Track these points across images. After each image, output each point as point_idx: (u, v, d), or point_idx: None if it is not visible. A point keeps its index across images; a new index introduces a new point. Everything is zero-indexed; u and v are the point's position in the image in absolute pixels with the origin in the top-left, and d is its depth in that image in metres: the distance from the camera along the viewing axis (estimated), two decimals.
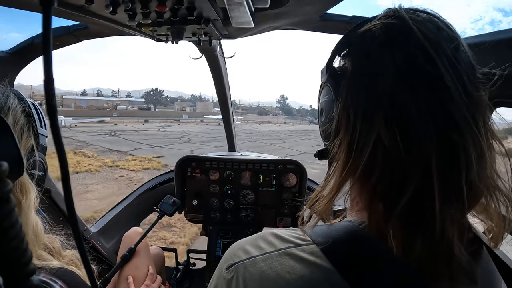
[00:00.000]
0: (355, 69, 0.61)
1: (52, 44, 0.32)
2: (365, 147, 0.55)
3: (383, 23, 0.58)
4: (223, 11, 1.15)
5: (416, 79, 0.53)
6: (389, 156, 0.53)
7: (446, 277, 0.53)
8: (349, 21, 1.44)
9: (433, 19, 0.58)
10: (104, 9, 1.06)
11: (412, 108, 0.52)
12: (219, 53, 2.13)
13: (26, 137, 0.91)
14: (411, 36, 0.54)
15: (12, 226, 0.30)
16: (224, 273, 0.62)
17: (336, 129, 0.63)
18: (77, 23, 1.59)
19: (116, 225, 2.52)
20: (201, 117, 79.73)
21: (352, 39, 0.64)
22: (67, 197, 0.37)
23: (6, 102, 0.89)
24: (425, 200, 0.51)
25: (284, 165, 2.39)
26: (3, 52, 1.62)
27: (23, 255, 0.31)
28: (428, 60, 0.52)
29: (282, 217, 2.43)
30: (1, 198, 0.29)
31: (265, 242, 0.62)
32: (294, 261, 0.57)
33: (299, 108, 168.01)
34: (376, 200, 0.56)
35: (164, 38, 1.43)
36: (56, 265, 0.87)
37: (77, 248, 0.39)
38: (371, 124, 0.54)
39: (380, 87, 0.54)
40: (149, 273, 1.75)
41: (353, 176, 0.59)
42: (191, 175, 2.43)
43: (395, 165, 0.53)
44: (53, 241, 0.97)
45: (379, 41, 0.57)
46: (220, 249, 2.32)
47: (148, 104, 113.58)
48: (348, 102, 0.60)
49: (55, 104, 0.33)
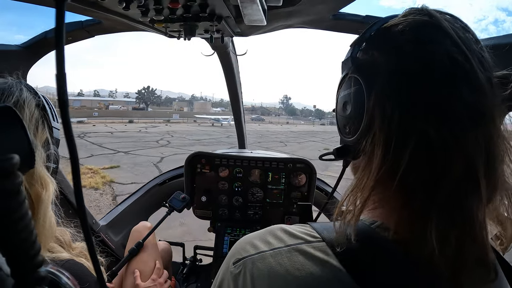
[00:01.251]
0: (391, 62, 0.58)
1: (64, 39, 0.32)
2: (408, 143, 0.53)
3: (414, 19, 0.58)
4: (236, 8, 1.15)
5: (458, 76, 0.53)
6: (432, 151, 0.52)
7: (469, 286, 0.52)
8: (362, 20, 1.43)
9: (457, 20, 0.59)
10: (117, 5, 1.07)
11: (455, 103, 0.52)
12: (231, 50, 2.13)
13: (41, 131, 0.92)
14: (446, 33, 0.55)
15: (22, 218, 0.30)
16: (231, 267, 0.61)
17: (368, 124, 0.59)
18: (90, 18, 1.60)
19: (125, 219, 2.54)
20: (192, 117, 76.87)
21: (380, 33, 0.62)
22: (77, 190, 0.37)
23: (21, 96, 0.90)
24: (466, 198, 0.51)
25: (293, 164, 2.38)
26: (16, 46, 1.64)
27: (32, 247, 0.31)
28: (465, 58, 0.53)
29: (290, 215, 2.42)
30: (12, 191, 0.29)
31: (274, 237, 0.61)
32: (304, 257, 0.56)
33: (303, 109, 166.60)
34: (411, 200, 0.54)
35: (177, 34, 1.43)
36: (65, 257, 0.88)
37: (85, 241, 0.39)
38: (413, 118, 0.53)
39: (419, 81, 0.54)
40: (156, 268, 1.77)
41: (393, 174, 0.54)
42: (201, 171, 2.43)
43: (437, 161, 0.52)
44: (64, 233, 0.98)
45: (414, 36, 0.56)
46: (227, 246, 2.32)
47: (140, 104, 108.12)
48: (386, 95, 0.56)
49: (67, 99, 0.33)
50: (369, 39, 0.64)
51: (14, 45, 1.65)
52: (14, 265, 0.31)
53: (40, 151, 0.88)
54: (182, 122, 66.80)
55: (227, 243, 2.33)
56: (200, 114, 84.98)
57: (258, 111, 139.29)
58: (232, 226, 2.41)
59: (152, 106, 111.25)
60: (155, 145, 24.43)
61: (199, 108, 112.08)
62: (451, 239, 0.51)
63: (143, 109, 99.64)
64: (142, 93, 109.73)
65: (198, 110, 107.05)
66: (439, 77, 0.53)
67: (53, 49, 0.31)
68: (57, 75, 0.32)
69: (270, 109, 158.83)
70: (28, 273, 0.31)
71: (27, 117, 0.88)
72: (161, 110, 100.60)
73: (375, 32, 0.63)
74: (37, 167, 0.84)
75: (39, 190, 0.83)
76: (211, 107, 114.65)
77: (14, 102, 0.87)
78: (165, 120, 66.06)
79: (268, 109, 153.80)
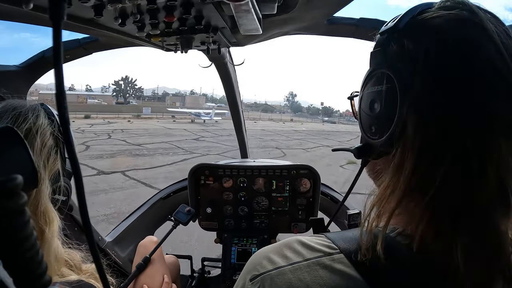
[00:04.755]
0: (430, 62, 0.53)
1: (62, 58, 0.32)
2: (445, 155, 0.50)
3: (454, 14, 0.53)
4: (231, 19, 1.16)
5: (500, 88, 0.50)
6: (468, 166, 0.49)
7: None
8: (356, 23, 1.43)
9: (499, 22, 0.55)
10: (113, 22, 1.08)
11: (495, 117, 0.50)
12: (228, 61, 2.14)
13: (52, 161, 0.88)
14: (490, 37, 0.51)
15: (27, 238, 0.30)
16: (248, 284, 0.58)
17: (401, 128, 0.55)
18: (87, 36, 1.62)
19: (131, 234, 2.53)
20: (166, 112, 66.05)
21: (416, 26, 0.57)
22: (82, 208, 0.37)
23: (35, 123, 0.87)
24: (495, 215, 0.50)
25: (297, 170, 2.38)
26: (15, 66, 1.66)
27: (38, 266, 0.31)
28: (508, 69, 0.50)
29: (296, 222, 2.41)
30: (16, 211, 0.29)
31: (291, 251, 0.59)
32: (325, 271, 0.54)
33: (309, 106, 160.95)
34: (438, 212, 0.52)
35: (174, 47, 1.44)
36: (74, 279, 0.86)
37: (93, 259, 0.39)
38: (452, 128, 0.50)
39: (460, 88, 0.51)
40: (165, 282, 1.76)
41: (423, 187, 0.51)
42: (205, 183, 2.43)
43: (472, 177, 0.50)
44: (73, 256, 0.96)
45: (456, 35, 0.53)
46: (235, 256, 2.31)
47: (118, 97, 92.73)
48: (423, 99, 0.52)
49: (68, 117, 0.33)
50: (404, 31, 0.58)
51: (13, 66, 1.66)
52: (20, 285, 0.30)
53: (46, 185, 0.84)
54: (156, 118, 57.80)
55: (235, 253, 2.32)
56: (175, 108, 75.57)
57: (260, 108, 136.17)
58: (239, 236, 2.40)
59: (139, 101, 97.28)
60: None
61: (192, 102, 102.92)
62: (478, 255, 0.50)
63: (128, 103, 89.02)
64: (119, 84, 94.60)
65: (191, 104, 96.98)
66: (480, 86, 0.50)
67: (52, 67, 0.31)
68: (56, 94, 0.32)
69: (275, 106, 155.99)
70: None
71: (38, 146, 0.85)
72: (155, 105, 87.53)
73: (409, 23, 0.58)
74: (42, 201, 0.81)
75: (42, 226, 0.80)
76: (205, 102, 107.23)
77: (27, 129, 0.84)
78: (134, 116, 57.82)
79: (273, 107, 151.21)
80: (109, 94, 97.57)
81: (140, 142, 23.68)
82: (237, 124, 2.87)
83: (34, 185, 0.72)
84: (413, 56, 0.54)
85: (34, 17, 1.29)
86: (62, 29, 0.32)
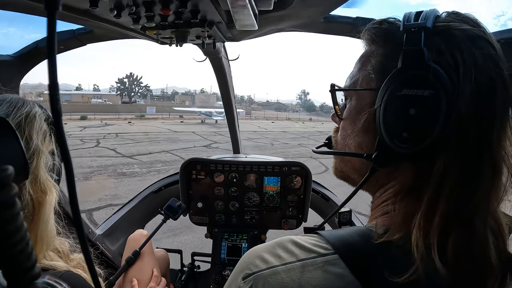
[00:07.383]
0: (467, 74, 0.53)
1: (56, 48, 0.32)
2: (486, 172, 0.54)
3: (468, 29, 0.56)
4: (227, 14, 1.15)
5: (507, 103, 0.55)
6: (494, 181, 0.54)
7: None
8: (352, 22, 1.44)
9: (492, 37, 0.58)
10: (109, 13, 1.07)
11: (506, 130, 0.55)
12: (223, 56, 2.14)
13: (48, 141, 0.92)
14: (497, 54, 0.55)
15: (18, 230, 0.30)
16: (240, 283, 0.58)
17: (443, 141, 0.54)
18: (81, 27, 1.60)
19: (121, 227, 2.52)
20: (173, 111, 61.29)
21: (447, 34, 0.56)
22: (72, 200, 0.37)
23: (33, 108, 0.91)
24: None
25: (289, 167, 2.38)
26: (8, 56, 1.63)
27: (28, 259, 0.31)
28: (510, 83, 0.54)
29: (287, 219, 2.42)
30: (6, 202, 0.29)
31: (284, 251, 0.59)
32: (319, 272, 0.54)
33: (322, 104, 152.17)
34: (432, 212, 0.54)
35: (168, 41, 1.43)
36: (62, 267, 0.88)
37: (82, 251, 0.39)
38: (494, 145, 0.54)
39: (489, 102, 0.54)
40: (154, 276, 1.76)
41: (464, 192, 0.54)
42: (196, 178, 2.42)
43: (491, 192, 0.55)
44: (62, 244, 0.98)
45: (477, 49, 0.54)
46: (225, 252, 2.31)
47: (123, 96, 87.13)
48: (470, 114, 0.53)
49: (60, 108, 0.33)
50: (437, 35, 0.57)
51: (6, 55, 1.64)
52: (10, 278, 0.30)
53: (46, 156, 0.89)
54: (161, 119, 52.09)
55: (225, 248, 2.33)
56: (183, 107, 72.60)
57: (272, 106, 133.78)
58: (230, 232, 2.41)
59: (147, 100, 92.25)
60: None
61: (202, 101, 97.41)
62: (472, 250, 0.52)
63: (135, 102, 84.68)
64: (123, 82, 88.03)
65: (201, 103, 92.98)
66: (498, 101, 0.54)
67: (45, 58, 0.31)
68: (49, 85, 0.32)
69: (287, 105, 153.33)
70: (25, 285, 0.31)
71: (38, 126, 0.89)
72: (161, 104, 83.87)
73: (439, 28, 0.57)
74: (41, 172, 0.86)
75: (41, 195, 0.85)
76: (215, 100, 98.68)
77: (27, 111, 0.89)
78: (137, 116, 52.77)
79: (285, 105, 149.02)
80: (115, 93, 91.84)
81: (134, 152, 18.32)
82: (230, 119, 2.87)
83: (26, 176, 0.72)
84: (453, 64, 0.54)
85: (29, 7, 1.27)
86: (57, 19, 0.32)
